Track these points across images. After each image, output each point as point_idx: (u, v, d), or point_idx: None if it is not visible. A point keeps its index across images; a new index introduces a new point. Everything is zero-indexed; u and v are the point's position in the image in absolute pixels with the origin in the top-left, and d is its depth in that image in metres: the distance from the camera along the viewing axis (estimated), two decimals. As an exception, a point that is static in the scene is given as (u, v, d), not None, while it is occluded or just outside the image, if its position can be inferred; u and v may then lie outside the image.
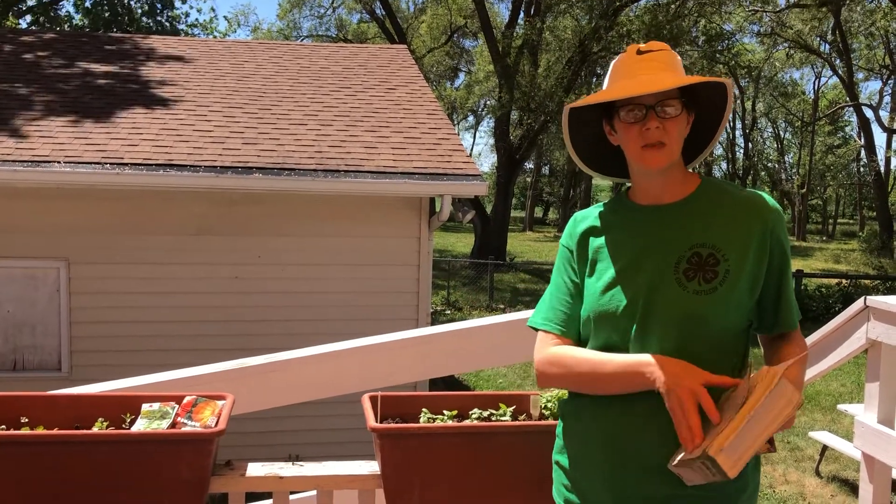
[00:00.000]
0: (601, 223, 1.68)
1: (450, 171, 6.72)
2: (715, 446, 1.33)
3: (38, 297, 6.59)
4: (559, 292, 1.69)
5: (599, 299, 1.59)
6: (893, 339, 2.37)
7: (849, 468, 6.86)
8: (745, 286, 1.52)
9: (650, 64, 1.56)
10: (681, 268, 1.53)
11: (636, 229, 1.61)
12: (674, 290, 1.52)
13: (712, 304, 1.50)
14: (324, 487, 1.98)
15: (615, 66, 1.61)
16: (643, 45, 1.60)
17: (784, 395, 1.38)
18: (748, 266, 1.52)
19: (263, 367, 2.28)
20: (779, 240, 1.56)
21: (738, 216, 1.55)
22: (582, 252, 1.67)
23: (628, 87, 1.51)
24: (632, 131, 1.54)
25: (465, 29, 30.95)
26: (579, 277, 1.66)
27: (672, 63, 1.58)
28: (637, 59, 1.57)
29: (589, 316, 1.61)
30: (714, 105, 1.63)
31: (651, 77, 1.52)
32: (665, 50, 1.59)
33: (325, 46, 11.26)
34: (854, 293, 15.23)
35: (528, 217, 46.33)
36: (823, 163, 45.32)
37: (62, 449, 1.73)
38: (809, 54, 34.21)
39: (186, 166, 6.34)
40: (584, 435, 1.62)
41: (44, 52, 8.91)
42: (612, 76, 1.61)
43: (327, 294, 6.94)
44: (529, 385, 10.16)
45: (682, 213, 1.59)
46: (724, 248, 1.52)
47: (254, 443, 6.03)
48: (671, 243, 1.56)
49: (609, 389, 1.54)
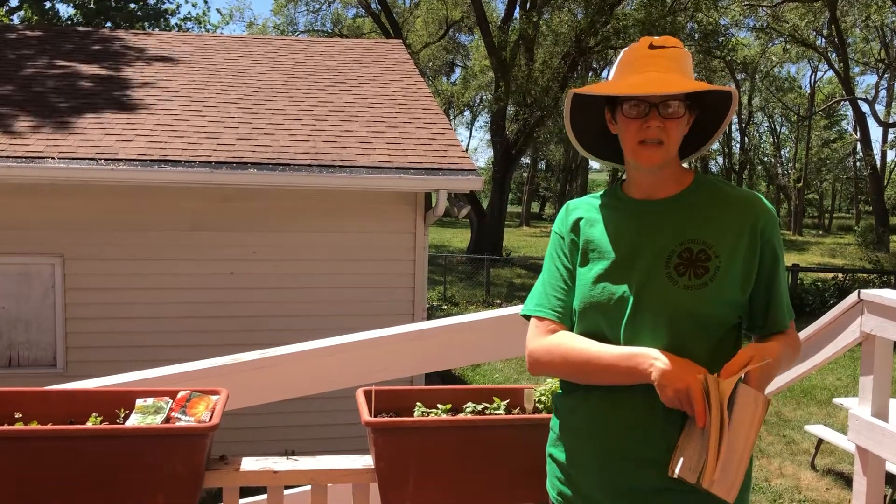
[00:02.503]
0: (594, 214, 1.68)
1: (445, 166, 6.72)
2: (706, 480, 1.34)
3: (32, 294, 6.58)
4: (552, 279, 1.68)
5: (591, 290, 1.59)
6: (887, 332, 2.38)
7: (844, 461, 6.88)
8: (735, 283, 1.53)
9: (661, 61, 1.55)
10: (672, 263, 1.53)
11: (628, 223, 1.62)
12: (664, 284, 1.52)
13: (702, 299, 1.50)
14: (318, 482, 1.98)
15: (626, 57, 1.60)
16: (657, 39, 1.59)
17: (748, 402, 1.39)
18: (738, 263, 1.53)
19: (258, 363, 2.28)
20: (769, 240, 1.56)
21: (730, 214, 1.56)
22: (574, 240, 1.67)
23: (636, 85, 1.50)
24: (632, 126, 1.55)
25: (460, 24, 30.91)
26: (572, 264, 1.66)
27: (683, 62, 1.57)
28: (649, 55, 1.56)
29: (579, 306, 1.61)
30: (716, 108, 1.63)
31: (661, 76, 1.52)
32: (678, 47, 1.58)
33: (320, 41, 11.23)
34: (850, 287, 15.26)
35: (524, 212, 46.32)
36: (819, 157, 45.38)
37: (56, 444, 1.73)
38: (805, 48, 34.22)
39: (181, 162, 6.33)
40: (578, 428, 1.63)
41: (36, 47, 8.88)
42: (621, 67, 1.60)
43: (322, 289, 6.94)
44: (525, 379, 10.17)
45: (675, 208, 1.59)
46: (714, 245, 1.53)
47: (248, 438, 6.05)
48: (663, 238, 1.56)
49: (603, 380, 1.54)
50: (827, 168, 47.21)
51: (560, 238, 1.71)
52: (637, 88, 1.49)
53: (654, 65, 1.54)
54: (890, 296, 2.35)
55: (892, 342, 2.42)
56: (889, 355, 2.47)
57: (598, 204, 1.70)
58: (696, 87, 1.48)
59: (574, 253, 1.66)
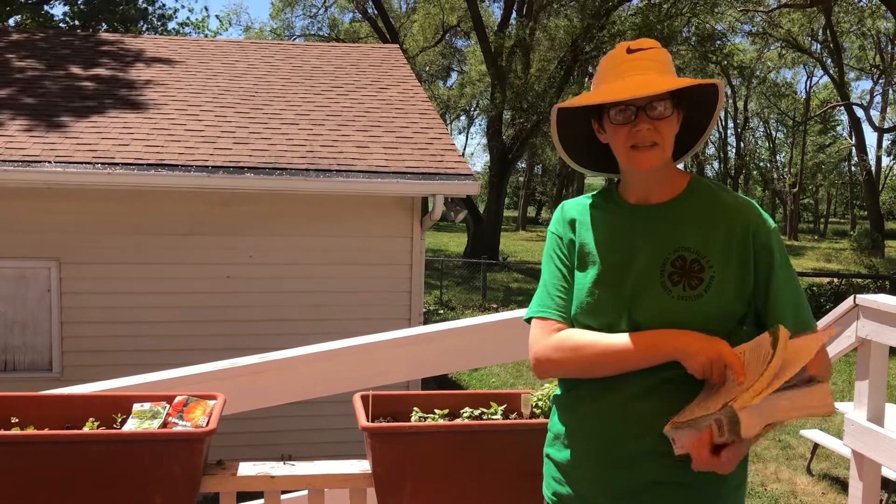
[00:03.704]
0: (589, 217, 1.65)
1: (442, 170, 6.72)
2: (740, 402, 1.30)
3: (28, 297, 6.56)
4: (553, 279, 1.66)
5: (586, 296, 1.57)
6: (883, 337, 2.38)
7: (840, 466, 6.89)
8: (731, 294, 1.49)
9: (641, 63, 1.52)
10: (666, 272, 1.51)
11: (623, 229, 1.60)
12: (658, 294, 1.50)
13: (696, 310, 1.47)
14: (315, 486, 1.98)
15: (605, 64, 1.58)
16: (633, 42, 1.57)
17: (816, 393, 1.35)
18: (732, 272, 1.50)
19: (255, 367, 2.28)
20: (764, 246, 1.52)
21: (722, 221, 1.53)
22: (572, 239, 1.65)
23: (618, 90, 1.48)
24: (621, 132, 1.52)
25: (457, 28, 30.95)
26: (570, 262, 1.64)
27: (663, 62, 1.55)
28: (627, 59, 1.54)
29: (574, 311, 1.59)
30: (704, 104, 1.61)
31: (642, 78, 1.49)
32: (655, 48, 1.56)
33: (316, 46, 11.25)
34: (845, 292, 15.29)
35: (520, 216, 46.35)
36: (815, 162, 45.50)
37: (53, 449, 1.73)
38: (801, 54, 34.32)
39: (178, 166, 6.32)
40: (575, 426, 1.61)
41: (33, 51, 8.87)
42: (601, 75, 1.58)
43: (319, 294, 6.93)
44: (522, 384, 10.16)
45: (669, 214, 1.57)
46: (708, 255, 1.50)
47: (245, 443, 6.02)
48: (656, 246, 1.54)
49: (619, 367, 1.50)
50: (822, 173, 47.32)
51: (557, 238, 1.69)
52: (620, 93, 1.46)
53: (634, 68, 1.52)
54: (886, 301, 2.35)
55: (888, 347, 2.43)
56: (884, 360, 2.47)
57: (592, 207, 1.67)
58: (680, 84, 1.46)
59: (572, 252, 1.64)
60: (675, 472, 1.50)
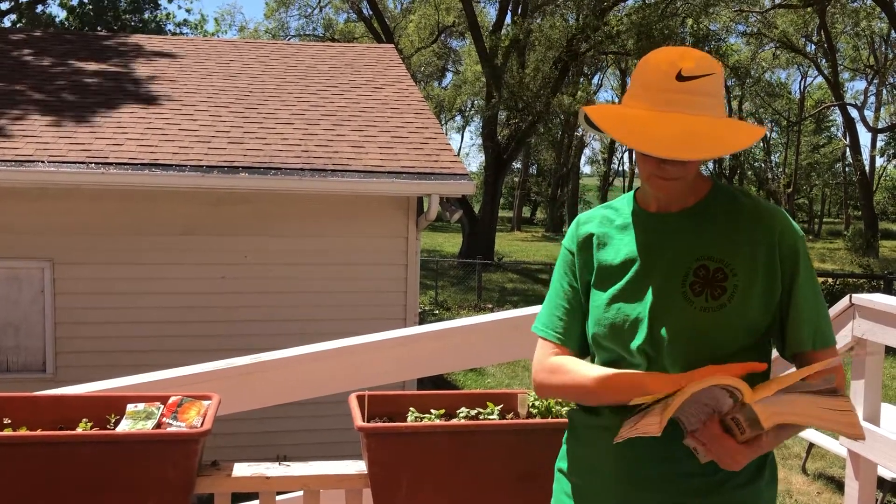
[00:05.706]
0: (606, 229, 1.58)
1: (437, 170, 6.72)
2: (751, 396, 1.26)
3: (22, 298, 6.53)
4: (557, 297, 1.62)
5: (605, 312, 1.51)
6: (879, 336, 2.38)
7: (835, 465, 6.90)
8: (756, 304, 1.42)
9: (693, 99, 1.35)
10: (688, 282, 1.44)
11: (643, 239, 1.52)
12: (680, 305, 1.44)
13: (720, 321, 1.41)
14: (311, 487, 1.97)
15: (648, 78, 1.40)
16: (686, 61, 1.36)
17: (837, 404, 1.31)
18: (758, 282, 1.43)
19: (250, 367, 2.27)
20: (790, 254, 1.44)
21: (746, 228, 1.45)
22: (585, 256, 1.59)
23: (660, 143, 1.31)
24: (649, 163, 1.42)
25: (452, 29, 30.97)
26: (580, 282, 1.59)
27: (716, 94, 1.38)
28: (676, 88, 1.36)
29: (595, 329, 1.53)
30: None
31: (689, 128, 1.33)
32: (712, 75, 1.37)
33: (311, 45, 11.23)
34: (840, 292, 15.34)
35: (516, 217, 46.37)
36: (809, 162, 45.65)
37: (46, 450, 1.72)
38: (795, 54, 34.43)
39: (172, 166, 6.30)
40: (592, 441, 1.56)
41: (27, 50, 8.84)
42: (641, 89, 1.40)
43: (314, 294, 6.92)
44: (518, 384, 10.17)
45: (691, 222, 1.49)
46: (732, 263, 1.43)
47: (240, 443, 6.00)
48: (678, 255, 1.47)
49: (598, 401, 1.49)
50: (816, 173, 47.46)
51: (569, 254, 1.62)
52: (662, 150, 1.30)
53: (683, 102, 1.35)
54: (881, 300, 2.36)
55: (884, 346, 2.43)
56: (880, 359, 2.48)
57: (610, 217, 1.60)
58: (727, 151, 1.31)
59: (585, 271, 1.58)
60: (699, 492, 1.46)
